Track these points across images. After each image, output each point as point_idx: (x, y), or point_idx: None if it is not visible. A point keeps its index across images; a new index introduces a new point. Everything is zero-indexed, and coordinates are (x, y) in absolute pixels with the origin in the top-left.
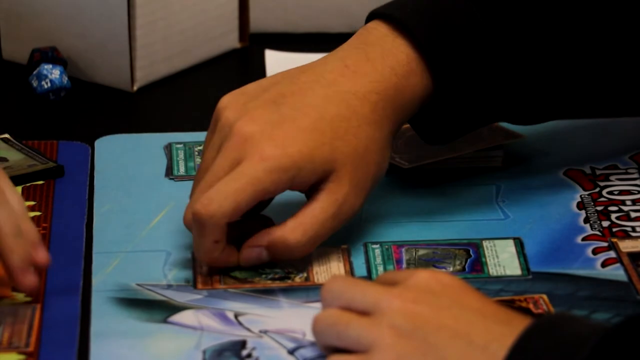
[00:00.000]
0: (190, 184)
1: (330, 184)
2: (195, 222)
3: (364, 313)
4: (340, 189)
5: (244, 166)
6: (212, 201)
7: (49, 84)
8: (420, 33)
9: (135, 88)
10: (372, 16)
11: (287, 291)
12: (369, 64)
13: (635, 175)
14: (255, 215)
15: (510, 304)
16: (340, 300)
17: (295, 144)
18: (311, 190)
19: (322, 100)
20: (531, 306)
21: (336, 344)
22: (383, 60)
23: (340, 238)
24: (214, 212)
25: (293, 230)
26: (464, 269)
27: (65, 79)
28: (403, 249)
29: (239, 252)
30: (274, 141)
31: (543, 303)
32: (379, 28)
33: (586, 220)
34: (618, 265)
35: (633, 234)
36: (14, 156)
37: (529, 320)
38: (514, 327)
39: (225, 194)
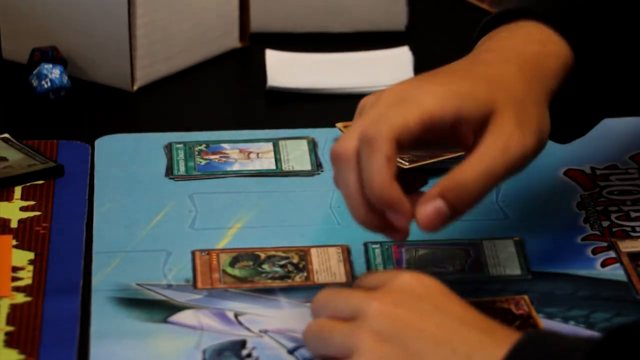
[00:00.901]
0: (190, 183)
1: (492, 125)
2: (362, 144)
3: (349, 319)
4: (504, 125)
5: (406, 97)
6: (379, 121)
7: (49, 84)
8: (544, 9)
9: (135, 88)
10: (483, 31)
11: (287, 291)
12: (501, 42)
13: (635, 175)
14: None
15: (491, 305)
16: (327, 310)
17: (453, 83)
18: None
19: (466, 65)
20: (512, 307)
21: (324, 353)
22: (514, 37)
23: (341, 238)
24: (382, 127)
25: (463, 170)
26: (464, 269)
27: (65, 79)
28: (403, 249)
29: (416, 215)
30: (432, 83)
31: (524, 304)
32: (497, 30)
33: (586, 220)
34: (618, 265)
35: (633, 234)
36: (14, 156)
37: (510, 331)
38: (496, 337)
39: (391, 116)
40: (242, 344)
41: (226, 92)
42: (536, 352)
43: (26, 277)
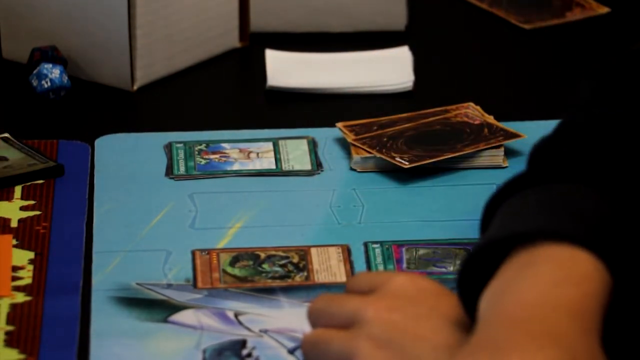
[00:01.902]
0: (190, 183)
1: None
2: None
3: (345, 327)
4: None
5: None
6: None
7: (49, 83)
8: (569, 230)
9: (135, 87)
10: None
11: (288, 290)
12: (533, 289)
13: None
14: None
15: None
16: (323, 319)
17: (534, 351)
18: None
19: (517, 324)
20: None
21: None
22: (543, 279)
23: (341, 238)
24: None
25: None
26: None
27: (65, 79)
28: (403, 249)
29: None
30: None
31: None
32: (515, 263)
33: None
34: None
35: None
36: (14, 155)
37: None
38: None
39: None
40: (242, 343)
41: (226, 92)
42: None
43: (26, 276)
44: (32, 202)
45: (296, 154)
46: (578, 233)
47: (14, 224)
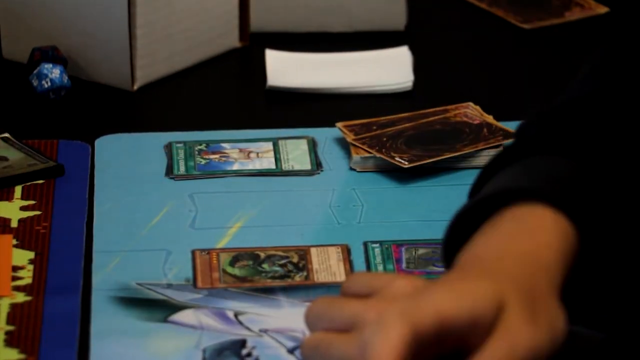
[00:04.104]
0: (190, 183)
1: (500, 322)
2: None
3: (345, 330)
4: (512, 322)
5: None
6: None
7: (49, 83)
8: (536, 188)
9: (135, 87)
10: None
11: (287, 290)
12: (486, 244)
13: None
14: None
15: None
16: (322, 322)
17: (457, 282)
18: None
19: (458, 269)
20: None
21: None
22: (498, 234)
23: (340, 238)
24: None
25: None
26: None
27: (65, 78)
28: (403, 249)
29: None
30: (438, 285)
31: None
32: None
33: None
34: None
35: None
36: (14, 155)
37: None
38: None
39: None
40: (242, 343)
41: (226, 92)
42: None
43: (26, 276)
44: (32, 202)
45: (296, 153)
46: (543, 190)
47: (14, 224)
